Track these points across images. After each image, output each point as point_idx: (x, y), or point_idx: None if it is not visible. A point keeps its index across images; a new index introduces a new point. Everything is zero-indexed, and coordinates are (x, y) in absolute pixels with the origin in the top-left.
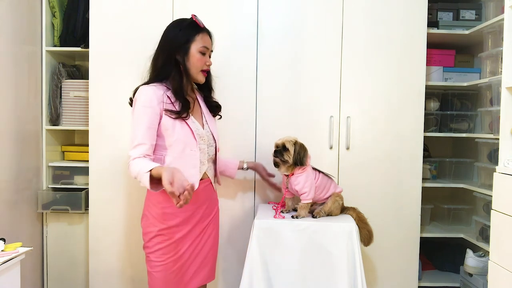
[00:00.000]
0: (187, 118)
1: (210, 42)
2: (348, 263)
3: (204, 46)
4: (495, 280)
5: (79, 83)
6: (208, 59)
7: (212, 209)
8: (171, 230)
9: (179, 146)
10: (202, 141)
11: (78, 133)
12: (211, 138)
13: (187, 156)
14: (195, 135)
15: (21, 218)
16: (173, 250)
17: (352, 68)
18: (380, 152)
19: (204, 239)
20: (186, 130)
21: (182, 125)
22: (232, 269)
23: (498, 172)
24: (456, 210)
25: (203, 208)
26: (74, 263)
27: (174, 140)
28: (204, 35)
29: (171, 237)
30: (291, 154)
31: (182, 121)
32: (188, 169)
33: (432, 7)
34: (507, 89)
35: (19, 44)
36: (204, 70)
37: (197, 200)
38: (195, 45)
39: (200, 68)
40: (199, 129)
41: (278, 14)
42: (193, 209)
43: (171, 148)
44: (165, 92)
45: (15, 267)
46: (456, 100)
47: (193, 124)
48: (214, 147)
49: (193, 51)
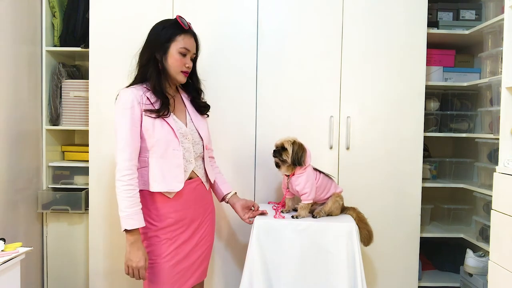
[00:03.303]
0: (167, 116)
1: (193, 45)
2: (348, 263)
3: (185, 47)
4: (495, 280)
5: (79, 83)
6: (189, 61)
7: (206, 209)
8: (163, 231)
9: (160, 146)
10: (186, 140)
11: (78, 133)
12: (196, 136)
13: (170, 156)
14: (177, 133)
15: (21, 218)
16: (166, 251)
17: (352, 68)
18: (380, 152)
19: (198, 239)
20: (166, 129)
21: (162, 125)
22: (232, 269)
23: (498, 172)
24: (456, 210)
25: (195, 208)
26: (74, 263)
27: (155, 141)
28: (186, 36)
29: (163, 238)
30: (289, 154)
31: (163, 121)
32: (172, 169)
33: (432, 7)
34: (507, 89)
35: (19, 44)
36: (184, 71)
37: (187, 201)
38: (175, 45)
39: (179, 69)
40: (181, 128)
41: (278, 14)
42: (184, 209)
43: (153, 149)
44: (145, 93)
45: (15, 267)
46: (456, 100)
47: (175, 123)
48: (202, 145)
49: (172, 51)
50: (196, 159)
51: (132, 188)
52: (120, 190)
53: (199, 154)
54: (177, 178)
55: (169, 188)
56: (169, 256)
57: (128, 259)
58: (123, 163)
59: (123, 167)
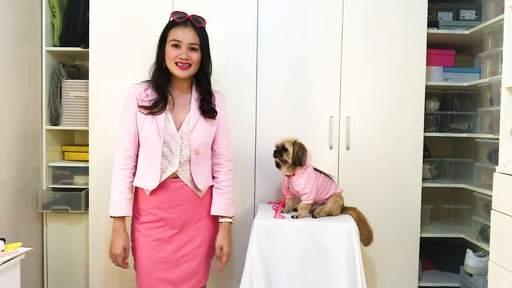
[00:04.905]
0: (158, 114)
1: (187, 35)
2: (348, 263)
3: (174, 39)
4: (495, 280)
5: (79, 83)
6: (183, 53)
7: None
8: (144, 226)
9: (145, 143)
10: (173, 142)
11: (78, 133)
12: (186, 140)
13: (150, 154)
14: (161, 133)
15: (21, 218)
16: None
17: (352, 68)
18: (380, 152)
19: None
20: (152, 127)
21: (151, 122)
22: (232, 269)
23: (498, 172)
24: (456, 210)
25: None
26: (74, 263)
27: (142, 137)
28: (177, 28)
29: (144, 233)
30: (290, 154)
31: (153, 118)
32: (150, 167)
33: (432, 7)
34: (507, 89)
35: (19, 44)
36: (178, 63)
37: (170, 200)
38: (168, 40)
39: (173, 60)
40: (171, 129)
41: (278, 14)
42: (168, 208)
43: (141, 145)
44: (146, 89)
45: (15, 267)
46: (456, 100)
47: (166, 122)
48: (190, 149)
49: (167, 47)
50: (183, 163)
51: (121, 178)
52: (113, 179)
53: (187, 158)
54: (152, 177)
55: (143, 185)
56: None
57: (111, 245)
58: (117, 153)
59: (116, 157)
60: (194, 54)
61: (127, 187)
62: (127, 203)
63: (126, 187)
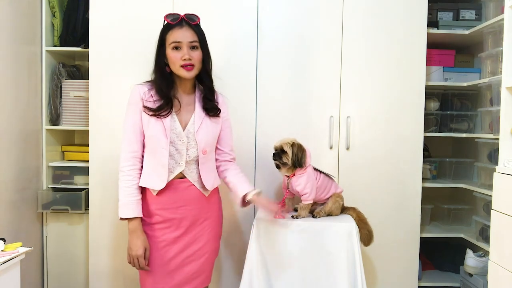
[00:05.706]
0: (164, 117)
1: (186, 34)
2: (348, 263)
3: (173, 41)
4: (495, 280)
5: (79, 83)
6: (185, 53)
7: (202, 213)
8: (152, 227)
9: (151, 143)
10: (179, 142)
11: (78, 133)
12: (193, 140)
13: (157, 154)
14: (169, 133)
15: (21, 218)
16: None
17: (352, 68)
18: (380, 152)
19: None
20: (159, 127)
21: (156, 122)
22: (232, 269)
23: (498, 172)
24: (456, 210)
25: (186, 209)
26: (74, 263)
27: (148, 137)
28: (174, 30)
29: (150, 234)
30: (289, 157)
31: (158, 118)
32: (157, 168)
33: (432, 7)
34: (507, 89)
35: (19, 44)
36: (183, 65)
37: (176, 200)
38: (168, 44)
39: (178, 63)
40: (177, 128)
41: (278, 13)
42: (174, 208)
43: (147, 145)
44: (150, 90)
45: (15, 267)
46: (456, 100)
47: (171, 122)
48: (197, 149)
49: (168, 51)
50: (189, 163)
51: (130, 178)
52: (120, 180)
53: (193, 158)
54: (160, 177)
55: (151, 185)
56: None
57: (129, 247)
58: (124, 154)
59: (123, 158)
60: (195, 53)
61: (136, 188)
62: (137, 203)
63: (135, 188)
